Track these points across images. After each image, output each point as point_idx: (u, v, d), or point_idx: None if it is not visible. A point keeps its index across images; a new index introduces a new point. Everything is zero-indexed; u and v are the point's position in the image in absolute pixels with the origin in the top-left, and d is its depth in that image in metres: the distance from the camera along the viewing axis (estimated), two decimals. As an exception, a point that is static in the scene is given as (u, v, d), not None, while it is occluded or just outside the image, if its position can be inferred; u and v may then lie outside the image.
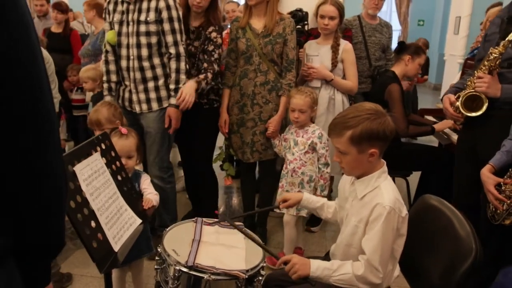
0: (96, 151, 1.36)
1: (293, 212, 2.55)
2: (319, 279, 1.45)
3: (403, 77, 3.04)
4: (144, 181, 2.00)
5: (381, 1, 3.47)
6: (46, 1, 4.96)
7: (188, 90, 2.52)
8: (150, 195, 1.87)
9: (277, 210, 2.58)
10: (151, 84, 2.57)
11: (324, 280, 1.45)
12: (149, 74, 2.56)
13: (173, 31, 2.50)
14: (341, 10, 2.86)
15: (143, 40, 2.50)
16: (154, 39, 2.50)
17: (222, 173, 4.03)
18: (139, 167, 2.16)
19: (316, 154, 2.53)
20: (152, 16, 2.46)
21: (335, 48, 2.90)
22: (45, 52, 3.09)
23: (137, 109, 2.61)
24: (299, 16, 3.06)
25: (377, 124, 1.40)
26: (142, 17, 2.47)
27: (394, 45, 3.52)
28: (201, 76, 2.61)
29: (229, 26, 2.91)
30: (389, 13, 10.47)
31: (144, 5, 2.48)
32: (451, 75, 6.40)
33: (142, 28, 2.48)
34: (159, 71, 2.57)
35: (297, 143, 2.57)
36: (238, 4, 4.08)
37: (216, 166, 4.23)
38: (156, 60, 2.56)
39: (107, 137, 1.45)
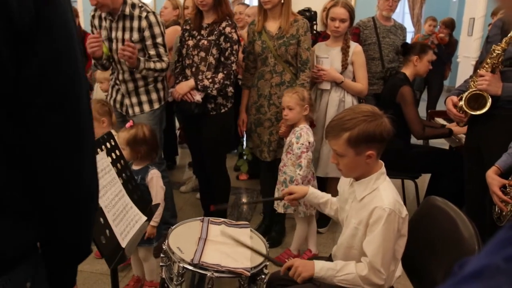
0: (101, 150, 1.39)
1: (291, 210, 2.59)
2: (323, 279, 1.46)
3: (414, 77, 3.03)
4: (151, 179, 2.08)
5: (395, 3, 3.47)
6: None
7: (183, 85, 2.63)
8: (152, 220, 2.04)
9: (284, 209, 2.61)
10: (142, 88, 2.68)
11: (328, 280, 1.46)
12: (140, 82, 2.66)
13: (155, 45, 2.53)
14: (351, 12, 2.87)
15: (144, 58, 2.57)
16: (141, 55, 2.57)
17: (233, 174, 4.07)
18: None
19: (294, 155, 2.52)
20: (136, 36, 2.51)
21: (345, 50, 2.91)
22: None
23: (130, 112, 2.70)
24: (307, 16, 3.07)
25: (374, 126, 1.40)
26: (127, 36, 2.52)
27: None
28: (207, 75, 2.62)
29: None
30: (401, 14, 10.38)
31: (127, 24, 2.52)
32: (465, 77, 6.29)
33: None
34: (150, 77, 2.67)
35: (285, 142, 2.63)
36: (247, 6, 4.09)
37: (229, 167, 4.25)
38: None
39: (111, 137, 1.49)
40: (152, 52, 2.56)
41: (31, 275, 0.75)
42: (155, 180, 2.14)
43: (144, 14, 2.47)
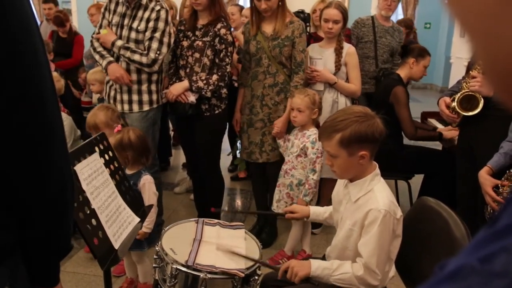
0: (95, 151, 1.39)
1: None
2: (319, 278, 1.46)
3: (408, 80, 3.04)
4: (143, 185, 2.07)
5: (394, 3, 3.50)
6: (54, 4, 5.04)
7: (177, 86, 2.62)
8: (145, 227, 2.04)
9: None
10: (134, 87, 2.67)
11: (324, 279, 1.46)
12: (134, 77, 2.65)
13: (150, 38, 2.56)
14: (345, 13, 2.87)
15: (132, 46, 2.58)
16: (142, 47, 2.60)
17: (227, 175, 4.06)
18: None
19: (308, 159, 2.52)
20: (142, 26, 2.55)
21: (338, 51, 2.92)
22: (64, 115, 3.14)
23: (119, 107, 2.70)
24: (300, 18, 3.08)
25: (366, 126, 1.41)
26: (135, 25, 2.56)
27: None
28: (201, 76, 2.61)
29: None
30: (395, 15, 10.42)
31: (140, 13, 2.57)
32: (458, 78, 6.34)
33: (133, 35, 2.58)
34: (144, 76, 2.67)
35: (293, 145, 2.61)
36: (242, 8, 4.06)
37: (223, 168, 4.25)
38: None
39: (105, 138, 1.49)
40: (146, 43, 2.58)
41: (9, 277, 0.72)
42: (147, 186, 2.11)
43: (157, 8, 2.55)
